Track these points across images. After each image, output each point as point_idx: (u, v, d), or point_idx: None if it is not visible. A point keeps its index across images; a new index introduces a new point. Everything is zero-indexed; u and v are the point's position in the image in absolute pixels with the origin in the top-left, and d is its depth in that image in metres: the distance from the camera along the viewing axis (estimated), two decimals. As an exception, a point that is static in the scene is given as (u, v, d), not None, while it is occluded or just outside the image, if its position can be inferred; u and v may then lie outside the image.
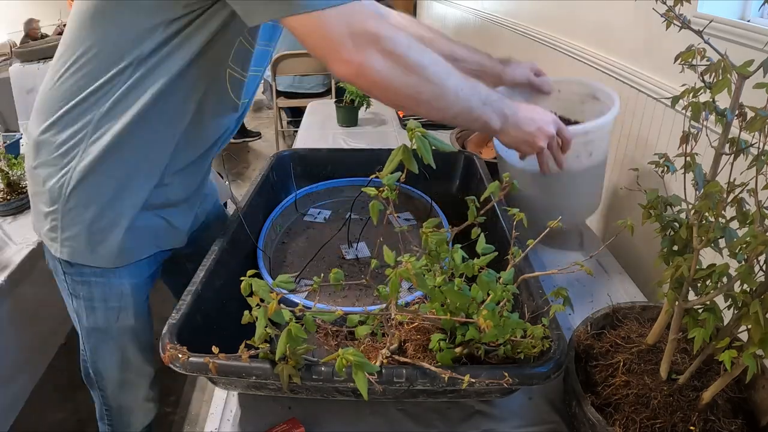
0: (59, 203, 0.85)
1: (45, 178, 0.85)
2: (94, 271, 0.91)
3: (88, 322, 0.96)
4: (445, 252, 0.62)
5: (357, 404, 0.78)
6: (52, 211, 0.86)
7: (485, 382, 0.61)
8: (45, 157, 0.84)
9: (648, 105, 1.37)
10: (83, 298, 0.94)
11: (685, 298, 0.61)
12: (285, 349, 0.56)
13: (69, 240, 0.87)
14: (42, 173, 0.85)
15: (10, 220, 1.51)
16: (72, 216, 0.85)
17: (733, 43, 1.03)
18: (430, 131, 0.57)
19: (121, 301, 0.94)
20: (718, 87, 0.52)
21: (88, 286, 0.92)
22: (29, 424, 1.68)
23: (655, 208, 0.63)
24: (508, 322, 0.63)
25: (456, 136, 1.77)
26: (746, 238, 0.50)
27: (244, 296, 0.59)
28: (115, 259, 0.90)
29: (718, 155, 0.58)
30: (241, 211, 0.97)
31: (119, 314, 0.95)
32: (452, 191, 1.25)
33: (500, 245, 0.72)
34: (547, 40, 2.11)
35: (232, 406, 0.79)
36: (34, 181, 0.88)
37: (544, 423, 0.77)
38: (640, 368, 0.69)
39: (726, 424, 0.64)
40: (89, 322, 0.96)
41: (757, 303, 0.51)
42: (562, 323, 0.72)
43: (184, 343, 0.64)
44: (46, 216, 0.87)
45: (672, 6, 0.56)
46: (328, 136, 1.91)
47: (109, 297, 0.94)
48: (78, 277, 0.92)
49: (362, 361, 0.54)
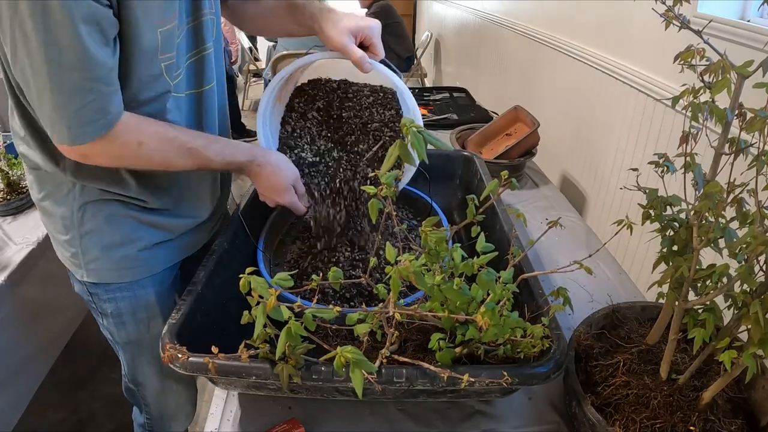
0: (74, 230, 0.85)
1: (54, 209, 0.86)
2: (119, 286, 0.91)
3: (120, 337, 0.97)
4: (444, 251, 0.62)
5: (357, 404, 0.78)
6: (70, 239, 0.87)
7: (485, 382, 0.61)
8: (48, 188, 0.85)
9: (648, 105, 1.37)
10: (111, 315, 0.94)
11: (685, 298, 0.61)
12: (285, 347, 0.56)
13: (92, 263, 0.88)
14: (49, 206, 0.86)
15: (10, 220, 1.51)
16: (89, 239, 0.86)
17: (733, 43, 1.03)
18: (430, 131, 0.57)
19: (149, 311, 0.95)
20: (718, 87, 0.52)
21: (115, 303, 0.93)
22: (30, 424, 1.68)
23: (655, 208, 0.63)
24: (508, 321, 0.63)
25: (456, 136, 1.77)
26: (746, 239, 0.49)
27: (243, 296, 0.59)
28: (138, 272, 0.91)
29: (717, 155, 0.58)
30: (241, 211, 0.97)
31: (149, 324, 0.96)
32: (452, 191, 1.25)
33: (500, 245, 0.72)
34: (547, 40, 2.11)
35: (232, 406, 0.79)
36: (45, 212, 0.89)
37: (544, 423, 0.77)
38: (640, 368, 0.69)
39: (726, 424, 0.64)
40: (122, 337, 0.97)
41: (757, 303, 0.51)
42: (562, 323, 0.72)
43: (184, 343, 0.64)
44: (65, 244, 0.88)
45: (671, 6, 0.56)
46: (328, 136, 1.91)
47: (136, 309, 0.94)
48: (104, 295, 0.92)
49: (360, 359, 0.54)
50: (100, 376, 1.91)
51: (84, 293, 0.94)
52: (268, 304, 0.53)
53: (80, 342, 1.71)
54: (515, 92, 2.63)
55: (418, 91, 2.47)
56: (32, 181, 0.88)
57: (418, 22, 6.48)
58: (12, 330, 1.35)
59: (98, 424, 1.76)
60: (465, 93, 2.37)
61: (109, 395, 1.84)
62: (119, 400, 1.79)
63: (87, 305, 0.98)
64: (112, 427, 1.74)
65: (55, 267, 0.94)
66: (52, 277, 1.42)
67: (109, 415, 1.77)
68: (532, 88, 2.39)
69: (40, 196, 0.87)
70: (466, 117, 2.02)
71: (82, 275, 0.90)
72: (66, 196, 0.84)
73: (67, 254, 0.89)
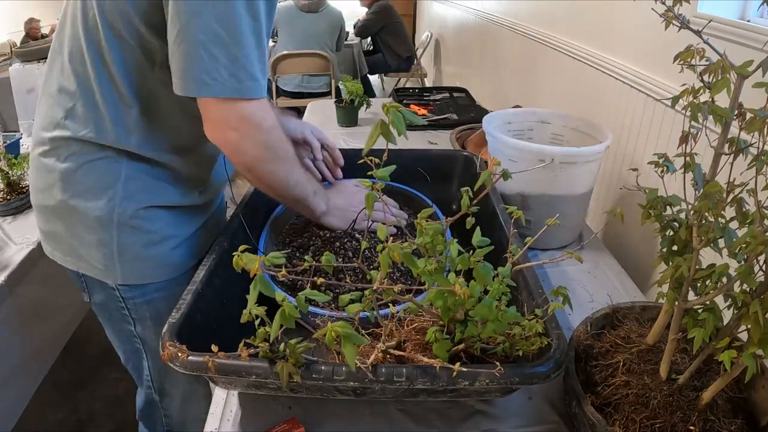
0: (111, 229, 0.82)
1: (87, 206, 0.82)
2: (157, 286, 0.89)
3: (157, 341, 0.92)
4: (440, 243, 0.62)
5: (357, 404, 0.78)
6: (104, 240, 0.83)
7: (485, 381, 0.61)
8: (80, 186, 0.82)
9: (648, 105, 1.37)
10: (150, 317, 0.91)
11: (685, 298, 0.61)
12: (278, 329, 0.56)
13: (129, 262, 0.85)
14: (81, 205, 0.82)
15: (10, 220, 1.51)
16: (127, 237, 0.83)
17: (733, 43, 1.03)
18: (430, 130, 0.57)
19: None
20: (718, 87, 0.52)
21: (154, 305, 0.90)
22: (30, 424, 1.68)
23: (655, 208, 0.63)
24: (506, 315, 0.63)
25: (456, 136, 1.77)
26: (746, 239, 0.49)
27: (244, 296, 0.59)
28: (175, 269, 0.89)
29: (717, 155, 0.58)
30: (241, 211, 0.97)
31: None
32: (452, 192, 1.25)
33: (499, 245, 0.72)
34: (547, 40, 2.11)
35: (232, 406, 0.79)
36: (68, 214, 0.84)
37: (544, 423, 0.77)
38: (640, 368, 0.69)
39: (726, 424, 0.64)
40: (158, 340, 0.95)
41: (757, 303, 0.51)
42: (562, 323, 0.72)
43: (184, 343, 0.64)
44: (97, 246, 0.84)
45: (671, 6, 0.56)
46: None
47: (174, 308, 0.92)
48: (141, 298, 0.89)
49: (350, 333, 0.55)
50: (100, 376, 1.91)
51: (113, 300, 0.90)
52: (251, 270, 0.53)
53: (80, 342, 1.72)
54: (515, 92, 2.63)
55: (418, 91, 2.48)
56: (56, 180, 0.83)
57: (418, 22, 6.48)
58: (12, 330, 1.35)
59: (98, 424, 1.76)
60: (465, 93, 2.37)
61: (109, 395, 1.84)
62: (119, 400, 1.80)
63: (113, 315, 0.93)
64: (112, 427, 1.74)
65: (55, 267, 0.93)
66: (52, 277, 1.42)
67: (109, 415, 1.77)
68: (532, 88, 2.39)
69: (67, 194, 0.82)
70: (466, 117, 2.02)
71: (115, 277, 0.86)
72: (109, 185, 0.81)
73: (98, 257, 0.85)
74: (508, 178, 0.64)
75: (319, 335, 0.57)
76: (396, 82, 4.89)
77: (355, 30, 4.64)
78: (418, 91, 2.49)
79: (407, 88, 2.72)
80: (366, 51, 4.73)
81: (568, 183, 1.11)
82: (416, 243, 0.62)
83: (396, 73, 4.82)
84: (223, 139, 0.77)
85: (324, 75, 3.74)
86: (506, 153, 1.13)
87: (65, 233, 0.86)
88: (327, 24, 3.75)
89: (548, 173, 1.09)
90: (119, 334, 0.97)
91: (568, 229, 1.21)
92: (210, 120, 0.75)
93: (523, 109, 1.36)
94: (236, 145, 0.77)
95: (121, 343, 1.00)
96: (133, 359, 1.01)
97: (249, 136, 0.77)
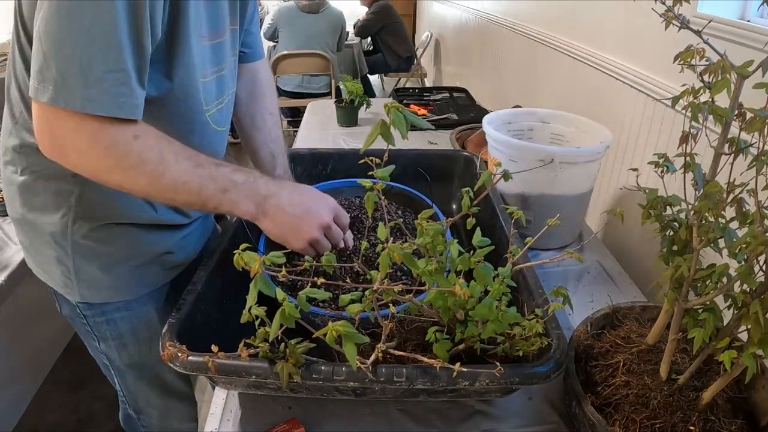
0: (67, 246, 0.78)
1: (43, 220, 0.78)
2: (118, 306, 0.85)
3: (122, 360, 0.91)
4: (441, 243, 0.62)
5: (357, 404, 0.78)
6: (60, 257, 0.79)
7: (485, 381, 0.61)
8: (36, 201, 0.77)
9: (648, 105, 1.37)
10: (112, 337, 0.88)
11: (685, 298, 0.61)
12: (278, 329, 0.56)
13: (86, 281, 0.81)
14: (38, 220, 0.78)
15: (10, 221, 1.51)
16: (83, 255, 0.79)
17: (733, 43, 1.03)
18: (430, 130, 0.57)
19: (151, 329, 0.89)
20: (718, 87, 0.52)
21: (115, 324, 0.87)
22: (30, 424, 1.68)
23: (655, 208, 0.63)
24: (506, 315, 0.63)
25: (456, 136, 1.77)
26: (746, 239, 0.49)
27: (244, 296, 0.59)
28: (138, 288, 0.85)
29: (717, 155, 0.58)
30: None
31: (151, 343, 0.90)
32: (452, 192, 1.25)
33: (499, 245, 0.72)
34: (547, 40, 2.11)
35: (232, 406, 0.79)
36: (28, 228, 0.80)
37: (544, 423, 0.77)
38: (640, 368, 0.69)
39: (726, 424, 0.64)
40: (123, 360, 0.91)
41: (757, 303, 0.51)
42: (562, 323, 0.72)
43: (184, 343, 0.64)
44: (55, 263, 0.80)
45: (671, 6, 0.56)
46: (328, 136, 1.91)
47: (138, 329, 0.88)
48: (101, 317, 0.86)
49: (351, 332, 0.55)
50: (100, 376, 1.90)
51: (76, 315, 0.87)
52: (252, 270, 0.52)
53: (80, 342, 1.71)
54: (515, 92, 2.63)
55: (418, 91, 2.48)
56: (15, 193, 0.79)
57: (418, 22, 6.48)
58: (12, 330, 1.35)
59: (98, 424, 1.76)
60: (465, 93, 2.37)
61: (109, 395, 1.83)
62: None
63: (78, 329, 0.91)
64: (112, 427, 1.74)
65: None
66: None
67: (109, 415, 1.77)
68: (532, 88, 2.39)
69: (25, 208, 0.78)
70: (466, 117, 2.02)
71: (74, 295, 0.83)
72: (61, 204, 0.77)
73: (58, 274, 0.81)
74: (508, 178, 0.64)
75: (320, 334, 0.57)
76: (396, 82, 4.90)
77: (355, 30, 4.64)
78: (418, 91, 2.49)
79: (407, 88, 2.72)
80: (366, 51, 4.73)
81: (568, 183, 1.11)
82: (416, 243, 0.62)
83: (396, 73, 4.82)
84: (47, 146, 0.63)
85: (324, 75, 3.74)
86: (506, 153, 1.13)
87: (30, 246, 0.83)
88: (327, 24, 3.76)
89: (548, 173, 1.09)
90: (89, 347, 0.94)
91: (568, 229, 1.21)
92: (36, 126, 0.63)
93: (523, 109, 1.36)
94: (63, 157, 0.64)
95: (94, 356, 0.97)
96: (106, 372, 0.98)
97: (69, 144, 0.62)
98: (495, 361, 0.61)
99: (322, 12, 3.72)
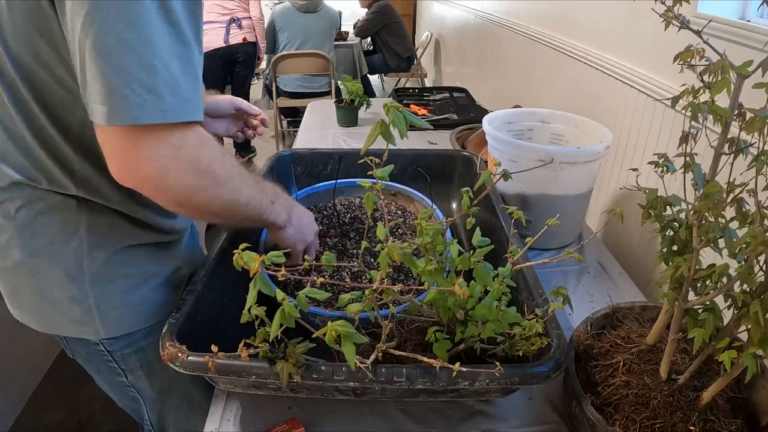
0: (84, 282, 0.73)
1: (51, 266, 0.72)
2: (143, 333, 0.82)
3: (153, 389, 0.88)
4: (440, 243, 0.62)
5: (357, 404, 0.78)
6: (77, 295, 0.74)
7: (485, 381, 0.61)
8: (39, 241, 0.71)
9: (648, 105, 1.37)
10: (140, 367, 0.85)
11: (685, 298, 0.61)
12: (278, 329, 0.56)
13: (109, 313, 0.77)
14: (43, 261, 0.72)
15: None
16: (104, 285, 0.75)
17: (733, 43, 1.03)
18: (430, 131, 0.57)
19: None
20: (718, 87, 0.52)
21: (143, 352, 0.83)
22: (29, 424, 1.68)
23: (655, 208, 0.63)
24: (506, 315, 0.63)
25: (456, 136, 1.77)
26: (746, 239, 0.49)
27: (244, 296, 0.59)
28: (160, 309, 0.81)
29: (717, 155, 0.58)
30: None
31: None
32: (452, 192, 1.25)
33: (499, 245, 0.72)
34: (547, 40, 2.11)
35: (232, 405, 0.79)
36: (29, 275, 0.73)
37: (544, 423, 0.77)
38: (640, 368, 0.69)
39: (726, 424, 0.64)
40: (155, 388, 0.88)
41: (757, 303, 0.51)
42: (562, 323, 0.72)
43: (184, 343, 0.64)
44: (69, 303, 0.75)
45: (671, 6, 0.56)
46: (328, 136, 1.91)
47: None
48: (128, 348, 0.82)
49: (351, 332, 0.55)
50: (100, 376, 1.91)
51: (96, 355, 0.82)
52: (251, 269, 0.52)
53: (80, 342, 1.72)
54: (515, 92, 2.63)
55: (418, 91, 2.48)
56: (11, 238, 0.71)
57: (418, 22, 6.48)
58: (11, 329, 1.35)
59: (98, 424, 1.76)
60: (465, 93, 2.37)
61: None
62: (119, 400, 1.80)
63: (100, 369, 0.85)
64: (112, 427, 1.74)
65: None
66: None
67: (109, 415, 1.77)
68: (532, 88, 2.39)
69: (25, 253, 0.71)
70: (466, 117, 2.02)
71: (96, 332, 0.77)
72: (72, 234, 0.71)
73: (74, 314, 0.75)
74: (508, 178, 0.64)
75: (319, 334, 0.57)
76: (396, 82, 4.90)
77: (354, 30, 4.64)
78: (418, 91, 2.49)
79: (407, 88, 2.72)
80: (366, 51, 4.73)
81: (568, 183, 1.11)
82: (416, 243, 0.62)
83: (396, 73, 4.82)
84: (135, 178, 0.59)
85: (324, 75, 3.74)
86: (506, 153, 1.13)
87: (31, 296, 0.75)
88: (325, 23, 3.76)
89: (548, 173, 1.09)
90: (111, 386, 0.91)
91: (568, 229, 1.21)
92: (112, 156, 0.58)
93: (523, 109, 1.36)
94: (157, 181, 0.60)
95: (114, 393, 0.93)
96: (130, 405, 0.95)
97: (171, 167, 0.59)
98: (495, 361, 0.61)
99: (320, 11, 3.72)
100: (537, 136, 1.33)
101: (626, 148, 1.49)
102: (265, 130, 1.17)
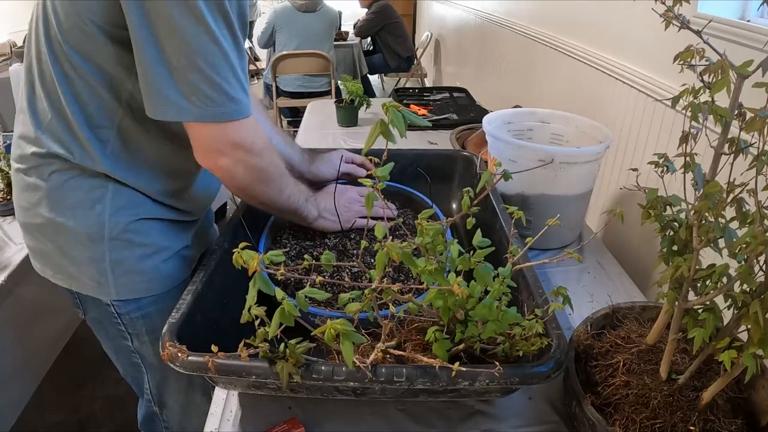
0: (103, 244, 0.80)
1: (76, 225, 0.79)
2: (151, 299, 0.88)
3: (156, 356, 0.93)
4: (441, 243, 0.62)
5: (357, 404, 0.78)
6: (95, 256, 0.81)
7: (485, 381, 0.61)
8: (67, 203, 0.79)
9: (648, 105, 1.37)
10: (146, 332, 0.91)
11: (685, 298, 0.61)
12: (278, 328, 0.56)
13: (123, 277, 0.84)
14: (69, 221, 0.79)
15: (11, 220, 1.51)
16: (120, 250, 0.82)
17: (733, 43, 1.03)
18: (430, 130, 0.57)
19: None
20: (718, 87, 0.52)
21: (150, 318, 0.89)
22: (30, 424, 1.68)
23: (655, 208, 0.63)
24: (506, 315, 0.63)
25: (456, 136, 1.77)
26: (746, 239, 0.49)
27: (244, 296, 0.59)
28: (168, 280, 0.88)
29: (717, 155, 0.58)
30: (241, 212, 0.97)
31: None
32: (452, 192, 1.25)
33: (499, 245, 0.72)
34: (547, 40, 2.11)
35: (232, 406, 0.79)
36: (54, 232, 0.80)
37: (544, 423, 0.77)
38: (640, 368, 0.69)
39: (726, 424, 0.64)
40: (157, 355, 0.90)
41: (757, 303, 0.51)
42: (562, 323, 0.72)
43: (184, 343, 0.64)
44: (88, 263, 0.82)
45: (671, 6, 0.56)
46: (328, 136, 1.91)
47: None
48: (136, 312, 0.88)
49: (350, 331, 0.55)
50: (100, 376, 1.91)
51: (107, 316, 0.89)
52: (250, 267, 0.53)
53: (80, 342, 1.72)
54: (515, 92, 2.64)
55: (418, 91, 2.48)
56: (42, 197, 0.79)
57: (418, 22, 6.48)
58: (12, 330, 1.35)
59: (98, 424, 1.76)
60: (465, 93, 2.37)
61: (109, 395, 1.84)
62: (119, 400, 1.80)
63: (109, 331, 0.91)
64: (112, 427, 1.74)
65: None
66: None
67: (109, 415, 1.77)
68: (532, 88, 2.39)
69: (54, 212, 0.79)
70: (466, 117, 2.02)
71: (109, 293, 0.84)
72: (97, 200, 0.79)
73: (91, 273, 0.82)
74: (508, 178, 0.64)
75: (318, 333, 0.57)
76: (396, 82, 4.90)
77: (354, 30, 4.64)
78: (418, 91, 2.49)
79: (407, 88, 2.72)
80: (366, 51, 4.73)
81: (568, 183, 1.11)
82: (416, 243, 0.62)
83: (396, 73, 4.83)
84: (214, 164, 0.76)
85: (324, 75, 3.74)
86: (506, 153, 1.13)
87: (54, 251, 0.83)
88: (325, 23, 3.76)
89: (548, 173, 1.09)
90: (116, 349, 0.96)
91: (568, 229, 1.21)
92: (198, 146, 0.74)
93: (523, 109, 1.36)
94: (228, 170, 0.76)
95: (118, 358, 0.99)
96: (132, 372, 1.00)
97: (241, 161, 0.76)
98: (495, 361, 0.61)
99: (319, 11, 3.72)
100: (537, 136, 1.33)
101: (626, 148, 1.49)
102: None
